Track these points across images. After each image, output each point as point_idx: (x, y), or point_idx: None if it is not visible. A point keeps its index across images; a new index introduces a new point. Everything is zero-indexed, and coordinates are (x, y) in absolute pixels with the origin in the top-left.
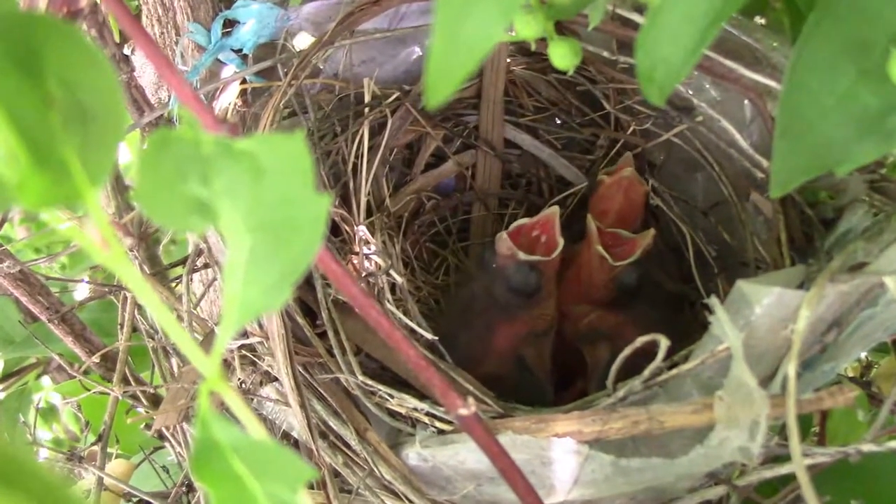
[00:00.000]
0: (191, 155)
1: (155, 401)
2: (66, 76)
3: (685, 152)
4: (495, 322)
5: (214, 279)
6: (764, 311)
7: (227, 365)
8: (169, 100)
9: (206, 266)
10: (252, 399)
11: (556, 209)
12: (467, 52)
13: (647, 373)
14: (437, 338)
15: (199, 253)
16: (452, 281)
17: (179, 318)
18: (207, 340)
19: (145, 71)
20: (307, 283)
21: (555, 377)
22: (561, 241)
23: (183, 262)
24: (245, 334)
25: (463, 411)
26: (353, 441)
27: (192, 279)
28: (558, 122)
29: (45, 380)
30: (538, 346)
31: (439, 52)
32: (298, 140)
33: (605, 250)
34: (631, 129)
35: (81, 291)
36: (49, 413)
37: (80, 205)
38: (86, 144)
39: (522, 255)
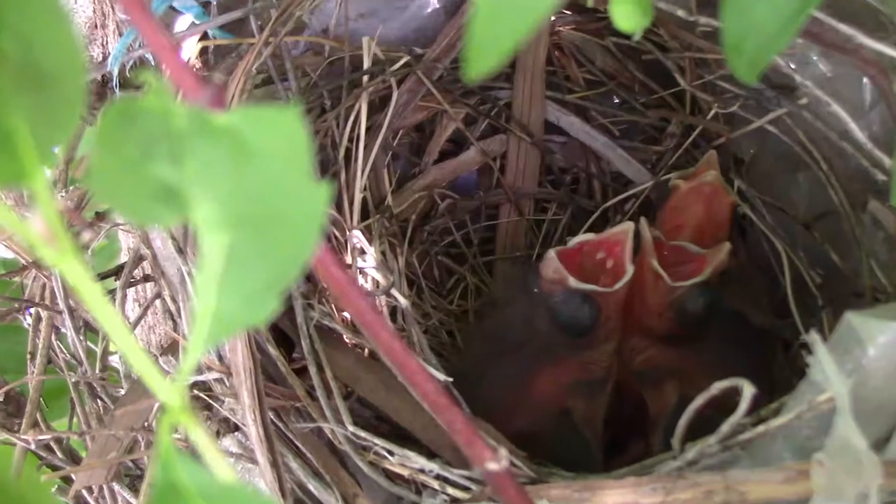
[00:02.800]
0: (159, 130)
1: (73, 454)
2: (21, 30)
3: (783, 145)
4: (535, 364)
5: (158, 296)
6: (880, 352)
7: None
8: (105, 59)
9: (146, 279)
10: None
11: (629, 226)
12: (523, 10)
13: (725, 429)
14: (450, 380)
15: (137, 261)
16: (472, 307)
17: (107, 347)
18: None
19: (73, 19)
20: (283, 303)
21: (606, 439)
22: (630, 269)
23: (115, 273)
24: (199, 369)
25: (492, 465)
26: None
27: (125, 296)
28: (617, 101)
29: None
30: (590, 400)
31: (487, 9)
32: (293, 115)
33: (664, 267)
34: (712, 112)
35: None
36: None
37: (24, 185)
38: (40, 113)
39: (573, 282)
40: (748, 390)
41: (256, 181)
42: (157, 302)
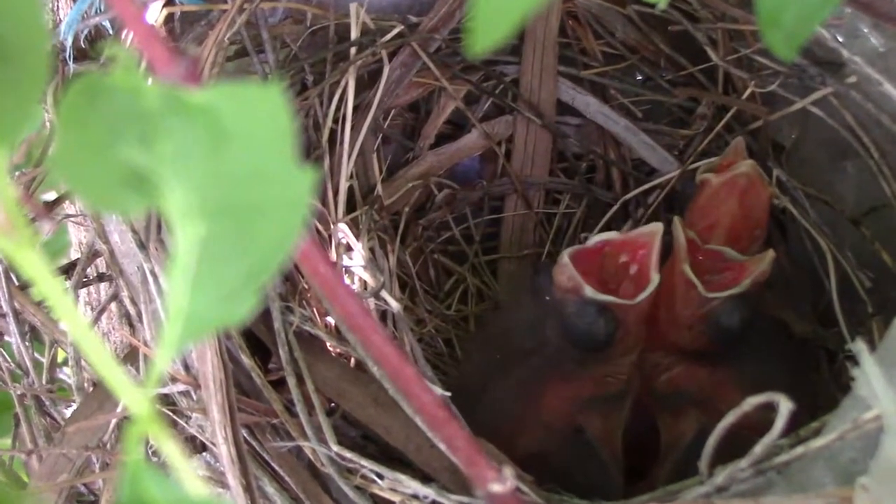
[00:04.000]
0: (128, 109)
1: (18, 477)
2: None
3: (829, 130)
4: (544, 377)
5: (114, 297)
6: None
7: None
8: (57, 26)
9: (100, 279)
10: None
11: (658, 228)
12: None
13: (758, 450)
14: (448, 394)
15: (91, 258)
16: (473, 312)
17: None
18: (101, 388)
19: None
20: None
21: (628, 461)
22: (655, 279)
23: (65, 272)
24: (162, 381)
25: (496, 487)
26: None
27: (77, 297)
28: (639, 78)
29: None
30: (606, 416)
31: None
32: (275, 94)
33: (697, 274)
34: (748, 91)
35: None
36: None
37: None
38: (1, 90)
39: (589, 292)
40: (785, 406)
41: (235, 166)
42: (113, 305)
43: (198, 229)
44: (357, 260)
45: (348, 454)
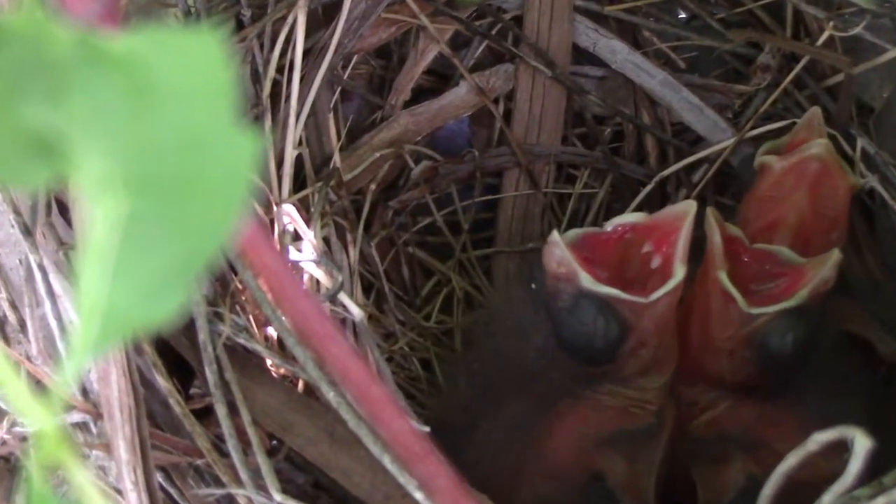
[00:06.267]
0: (32, 59)
1: None
2: None
3: None
4: (552, 408)
5: None
6: None
7: (8, 468)
8: None
9: None
10: None
11: (689, 207)
12: None
13: (827, 501)
14: (426, 429)
15: None
16: (459, 325)
17: None
18: None
19: None
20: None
21: None
22: (679, 272)
23: None
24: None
25: None
26: None
27: None
28: (682, 16)
29: None
30: (633, 458)
31: None
32: (212, 42)
33: (739, 283)
34: (825, 35)
35: None
36: None
37: None
38: None
39: (586, 281)
40: (861, 445)
41: (163, 130)
42: None
43: (120, 206)
44: (307, 253)
45: None
